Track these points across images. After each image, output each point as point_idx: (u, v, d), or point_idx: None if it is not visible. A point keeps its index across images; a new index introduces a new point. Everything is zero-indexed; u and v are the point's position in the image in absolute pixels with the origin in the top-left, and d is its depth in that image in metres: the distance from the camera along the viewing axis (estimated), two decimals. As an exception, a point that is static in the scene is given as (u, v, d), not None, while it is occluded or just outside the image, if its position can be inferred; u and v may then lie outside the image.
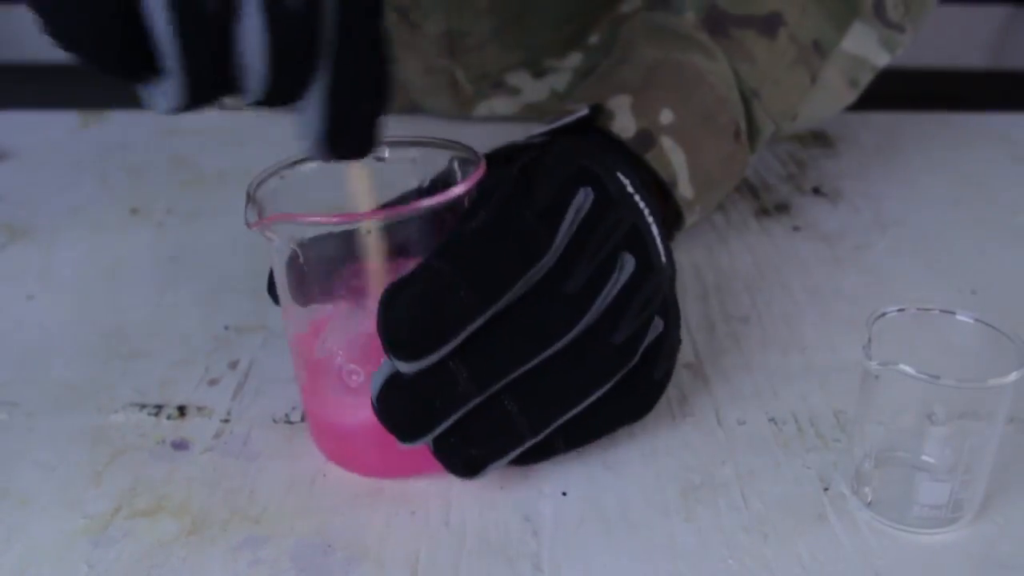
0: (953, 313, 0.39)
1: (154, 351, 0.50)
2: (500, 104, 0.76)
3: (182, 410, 0.45)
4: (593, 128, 0.49)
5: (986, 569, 0.37)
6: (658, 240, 0.42)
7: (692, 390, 0.46)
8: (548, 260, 0.37)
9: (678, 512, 0.39)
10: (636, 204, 0.42)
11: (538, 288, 0.37)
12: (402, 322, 0.35)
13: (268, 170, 0.39)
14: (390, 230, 0.37)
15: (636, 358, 0.39)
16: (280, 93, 0.31)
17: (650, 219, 0.42)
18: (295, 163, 0.40)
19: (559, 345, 0.37)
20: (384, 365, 0.36)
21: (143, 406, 0.46)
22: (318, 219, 0.35)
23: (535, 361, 0.37)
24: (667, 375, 0.42)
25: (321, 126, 0.32)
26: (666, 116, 0.49)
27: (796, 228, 0.62)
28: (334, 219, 0.36)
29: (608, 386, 0.38)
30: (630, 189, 0.42)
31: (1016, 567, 0.37)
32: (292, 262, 0.38)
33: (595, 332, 0.38)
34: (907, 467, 0.39)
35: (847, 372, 0.47)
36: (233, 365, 0.49)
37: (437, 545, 0.38)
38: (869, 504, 0.39)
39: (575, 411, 0.38)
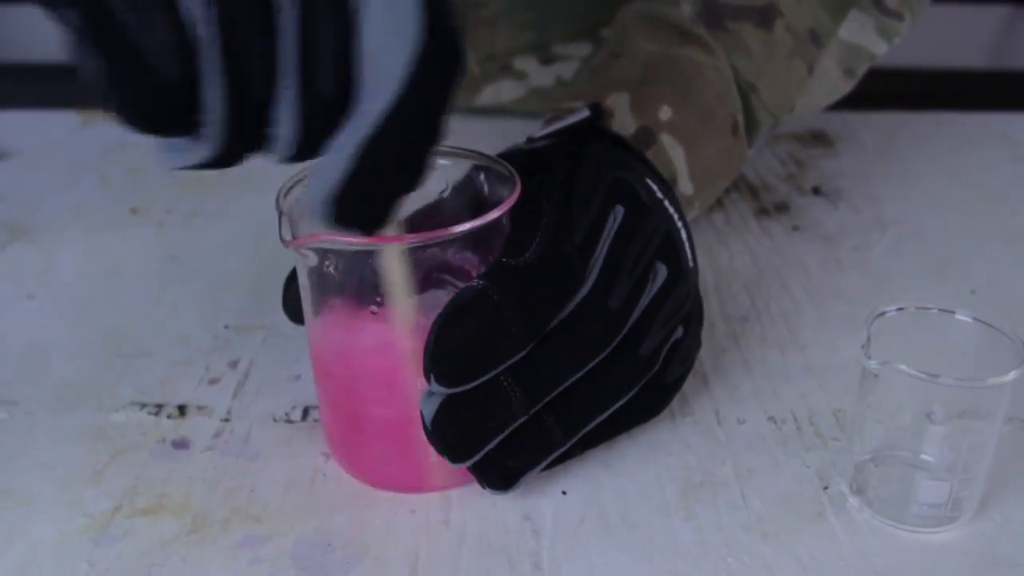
0: (952, 312, 0.39)
1: (154, 350, 0.50)
2: (506, 88, 0.76)
3: (182, 409, 0.45)
4: (594, 127, 0.49)
5: (985, 568, 0.37)
6: (687, 244, 0.44)
7: (692, 390, 0.46)
8: (584, 288, 0.38)
9: (678, 511, 0.39)
10: (667, 210, 0.43)
11: (583, 305, 0.38)
12: (455, 355, 0.35)
13: (293, 178, 0.38)
14: (422, 248, 0.37)
15: (657, 366, 0.40)
16: (303, 156, 0.31)
17: (679, 223, 0.44)
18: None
19: (599, 359, 0.38)
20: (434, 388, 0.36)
21: (143, 405, 0.46)
22: (358, 241, 0.35)
23: (578, 375, 0.38)
24: (680, 379, 0.43)
25: (329, 190, 0.30)
26: (665, 113, 0.49)
27: (796, 228, 0.62)
28: (374, 240, 0.35)
29: (631, 395, 0.39)
30: (659, 195, 0.43)
31: (1015, 565, 0.37)
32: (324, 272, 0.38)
33: (624, 343, 0.39)
34: (906, 466, 0.39)
35: (846, 371, 0.47)
36: (233, 364, 0.49)
37: (437, 544, 0.38)
38: (868, 503, 0.39)
39: (601, 418, 0.39)
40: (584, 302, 0.38)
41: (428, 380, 0.36)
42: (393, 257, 0.36)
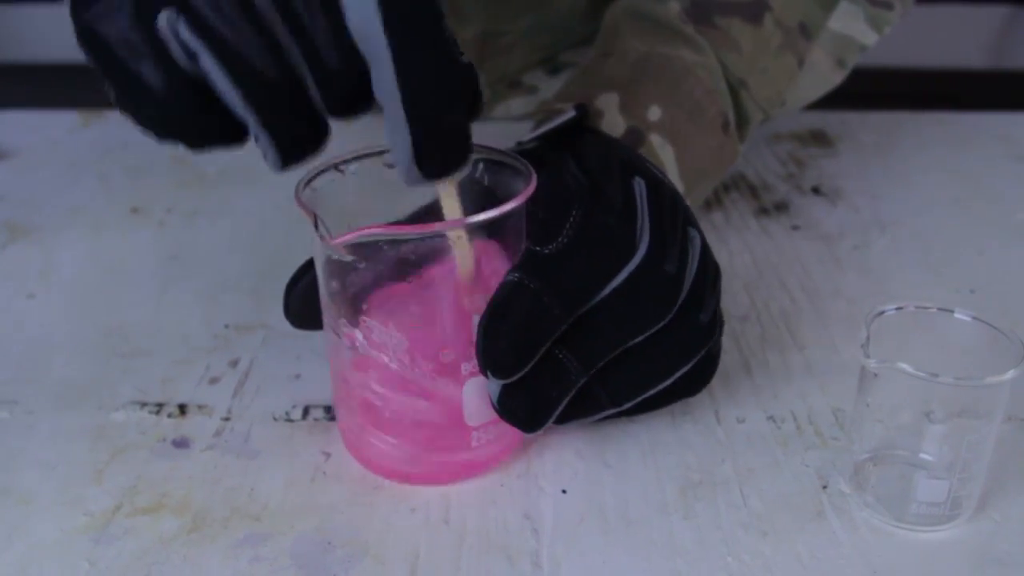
0: (951, 311, 0.39)
1: (154, 350, 0.50)
2: (517, 104, 0.76)
3: (183, 408, 0.45)
4: (583, 128, 0.49)
5: (984, 566, 0.37)
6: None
7: (691, 388, 0.46)
8: (639, 255, 0.39)
9: (677, 510, 0.39)
10: (673, 185, 0.44)
11: (641, 270, 0.39)
12: (505, 350, 0.37)
13: (306, 175, 0.39)
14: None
15: (717, 332, 0.41)
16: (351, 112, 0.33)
17: (687, 201, 0.45)
18: (321, 172, 0.39)
19: (661, 324, 0.39)
20: None
21: (144, 404, 0.46)
22: (401, 230, 0.36)
23: (636, 340, 0.39)
24: (719, 351, 0.44)
25: (406, 153, 0.32)
26: (654, 113, 0.49)
27: (795, 227, 0.62)
28: (416, 230, 0.36)
29: (693, 362, 0.41)
30: (660, 175, 0.44)
31: (1014, 564, 0.37)
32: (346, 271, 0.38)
33: (684, 310, 0.40)
34: (905, 465, 0.39)
35: (846, 370, 0.47)
36: (233, 363, 0.49)
37: (437, 542, 0.38)
38: (867, 502, 0.39)
39: (660, 387, 0.40)
40: (641, 268, 0.39)
41: (486, 376, 0.37)
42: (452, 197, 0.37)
